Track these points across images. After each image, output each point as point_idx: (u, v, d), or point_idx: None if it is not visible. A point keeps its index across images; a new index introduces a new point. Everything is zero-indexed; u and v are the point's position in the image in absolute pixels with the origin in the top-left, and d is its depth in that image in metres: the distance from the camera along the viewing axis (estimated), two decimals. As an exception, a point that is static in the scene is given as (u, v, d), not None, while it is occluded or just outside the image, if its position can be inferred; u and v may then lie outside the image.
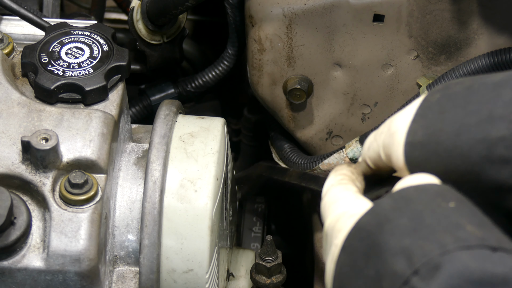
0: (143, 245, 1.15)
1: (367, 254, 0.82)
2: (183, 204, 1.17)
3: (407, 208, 0.82)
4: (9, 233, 1.08)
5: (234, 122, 1.87)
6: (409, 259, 0.77)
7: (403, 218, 0.81)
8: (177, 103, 1.27)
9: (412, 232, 0.79)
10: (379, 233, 0.81)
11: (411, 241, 0.79)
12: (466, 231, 0.78)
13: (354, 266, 0.83)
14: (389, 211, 0.83)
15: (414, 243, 0.78)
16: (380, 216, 0.83)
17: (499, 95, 0.86)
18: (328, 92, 1.43)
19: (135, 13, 1.51)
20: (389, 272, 0.78)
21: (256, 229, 1.74)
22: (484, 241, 0.77)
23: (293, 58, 1.39)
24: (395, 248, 0.79)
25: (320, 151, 1.49)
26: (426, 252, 0.77)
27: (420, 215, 0.81)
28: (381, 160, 0.95)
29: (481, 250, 0.76)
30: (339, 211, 0.91)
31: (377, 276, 0.79)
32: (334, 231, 0.89)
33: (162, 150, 1.18)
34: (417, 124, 0.91)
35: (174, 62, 1.59)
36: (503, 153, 0.84)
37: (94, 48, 1.22)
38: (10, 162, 1.12)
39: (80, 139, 1.14)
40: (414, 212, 0.81)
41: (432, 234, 0.78)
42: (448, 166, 0.88)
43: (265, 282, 1.36)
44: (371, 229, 0.83)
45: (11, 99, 1.17)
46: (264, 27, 1.37)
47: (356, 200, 0.92)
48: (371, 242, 0.82)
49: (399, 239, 0.79)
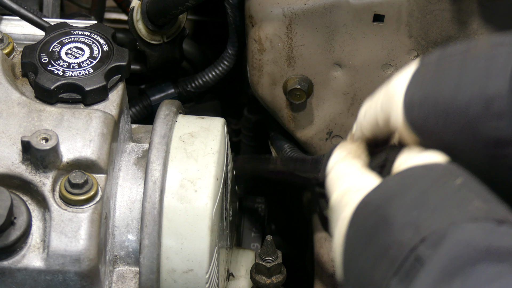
0: (143, 245, 1.15)
1: (375, 227, 0.84)
2: (183, 204, 1.17)
3: (415, 185, 0.84)
4: (9, 233, 1.08)
5: (234, 122, 1.87)
6: (416, 229, 0.79)
7: (411, 194, 0.83)
8: (177, 103, 1.27)
9: (419, 206, 0.81)
10: (387, 207, 0.83)
11: (418, 214, 0.80)
12: (472, 205, 0.80)
13: (362, 239, 0.85)
14: (397, 187, 0.85)
15: (421, 216, 0.80)
16: (388, 192, 0.86)
17: (495, 54, 0.87)
18: (328, 92, 1.43)
19: (135, 13, 1.51)
20: (396, 242, 0.80)
21: (256, 229, 1.74)
22: (490, 215, 0.78)
23: (293, 58, 1.39)
24: (403, 221, 0.81)
25: (320, 151, 1.49)
26: (433, 223, 0.79)
27: (428, 191, 0.83)
28: (378, 126, 0.97)
29: (487, 223, 0.77)
30: (345, 185, 0.93)
31: (384, 247, 0.81)
32: (341, 205, 0.91)
33: (162, 150, 1.18)
34: (415, 84, 0.92)
35: (174, 62, 1.59)
36: (500, 107, 0.85)
37: (94, 48, 1.22)
38: (10, 162, 1.12)
39: (80, 139, 1.14)
40: (422, 188, 0.83)
41: (439, 208, 0.80)
42: (447, 123, 0.89)
43: (265, 282, 1.36)
44: (379, 204, 0.85)
45: (11, 99, 1.17)
46: (264, 27, 1.37)
47: (362, 175, 0.94)
48: (379, 216, 0.84)
49: (407, 212, 0.81)
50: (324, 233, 1.59)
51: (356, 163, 0.97)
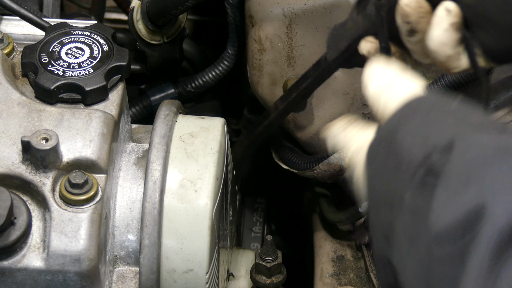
0: (143, 245, 1.15)
1: (387, 152, 0.88)
2: (183, 204, 1.17)
3: (416, 112, 0.88)
4: (9, 233, 1.08)
5: (234, 122, 1.87)
6: (423, 143, 0.83)
7: (415, 120, 0.87)
8: (177, 103, 1.27)
9: (424, 127, 0.85)
10: (395, 135, 0.87)
11: (424, 134, 0.84)
12: (473, 119, 0.83)
13: (377, 165, 0.89)
14: (400, 119, 0.89)
15: (428, 132, 0.84)
16: (393, 125, 0.89)
17: None
18: (328, 92, 1.43)
19: (135, 13, 1.51)
20: (406, 158, 0.84)
21: (256, 229, 1.75)
22: (491, 125, 0.82)
23: (293, 58, 1.39)
24: (411, 142, 0.85)
25: (320, 151, 1.49)
26: (439, 136, 0.82)
27: (430, 114, 0.86)
28: None
29: (490, 131, 0.80)
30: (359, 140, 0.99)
31: (397, 165, 0.85)
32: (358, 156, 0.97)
33: (162, 150, 1.18)
34: None
35: (174, 62, 1.59)
36: None
37: (94, 48, 1.22)
38: (10, 162, 1.12)
39: (80, 139, 1.14)
40: (424, 113, 0.87)
41: (443, 123, 0.84)
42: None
43: (265, 282, 1.36)
44: (387, 137, 0.89)
45: (11, 99, 1.17)
46: (264, 27, 1.37)
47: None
48: (389, 143, 0.88)
49: (414, 135, 0.85)
50: (324, 233, 1.59)
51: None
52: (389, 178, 0.86)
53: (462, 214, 0.74)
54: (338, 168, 1.42)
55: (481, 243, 0.72)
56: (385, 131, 0.91)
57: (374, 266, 0.92)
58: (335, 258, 1.54)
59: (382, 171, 0.88)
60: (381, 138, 0.91)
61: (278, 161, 1.54)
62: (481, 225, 0.72)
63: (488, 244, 0.71)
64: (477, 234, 0.72)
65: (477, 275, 0.71)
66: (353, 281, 1.50)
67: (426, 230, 0.77)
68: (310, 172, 1.46)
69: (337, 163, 1.41)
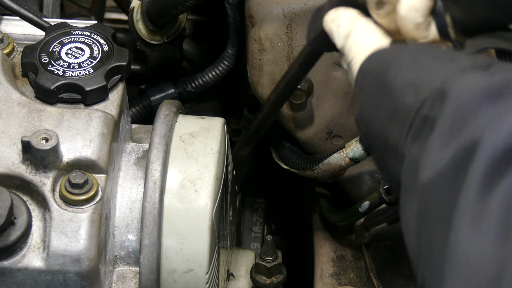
0: (143, 245, 1.15)
1: (381, 92, 0.90)
2: (183, 204, 1.17)
3: (406, 52, 0.91)
4: (9, 233, 1.08)
5: (234, 122, 1.87)
6: (417, 89, 0.85)
7: (405, 59, 0.90)
8: (177, 103, 1.27)
9: (414, 68, 0.87)
10: (386, 73, 0.90)
11: (415, 75, 0.87)
12: (460, 61, 0.85)
13: (372, 103, 0.92)
14: (390, 55, 0.92)
15: (419, 75, 0.86)
16: (383, 60, 0.92)
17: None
18: (328, 92, 1.43)
19: (135, 13, 1.51)
20: (401, 105, 0.86)
21: (256, 229, 1.75)
22: (476, 63, 0.83)
23: (293, 58, 1.39)
24: (402, 84, 0.87)
25: (320, 151, 1.49)
26: (431, 80, 0.84)
27: (419, 55, 0.89)
28: None
29: (477, 71, 0.82)
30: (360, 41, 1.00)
31: (393, 109, 0.88)
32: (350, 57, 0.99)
33: (162, 150, 1.18)
34: None
35: (174, 62, 1.59)
36: None
37: (94, 48, 1.22)
38: (10, 162, 1.12)
39: (80, 139, 1.14)
40: (413, 53, 0.90)
41: (434, 66, 0.86)
42: None
43: (265, 282, 1.36)
44: (378, 70, 0.92)
45: (11, 99, 1.17)
46: (264, 27, 1.37)
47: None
48: (381, 81, 0.91)
49: (404, 76, 0.88)
50: (324, 233, 1.59)
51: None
52: (387, 123, 0.89)
53: (454, 155, 0.76)
54: (338, 168, 1.42)
55: (474, 171, 0.73)
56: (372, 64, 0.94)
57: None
58: (335, 258, 1.54)
59: (376, 111, 0.91)
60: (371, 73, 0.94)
61: (278, 161, 1.54)
62: (473, 157, 0.74)
63: (479, 171, 0.73)
64: (469, 167, 0.74)
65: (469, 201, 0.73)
66: (353, 281, 1.50)
67: (420, 178, 0.80)
68: (310, 172, 1.46)
69: (337, 163, 1.41)
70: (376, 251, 1.46)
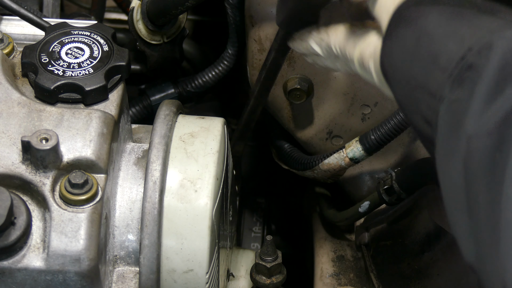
0: (143, 245, 1.15)
1: (417, 38, 0.87)
2: (183, 204, 1.17)
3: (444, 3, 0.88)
4: (9, 233, 1.08)
5: (234, 122, 1.87)
6: (461, 39, 0.83)
7: (445, 9, 0.88)
8: (177, 103, 1.27)
9: (457, 17, 0.85)
10: (423, 20, 0.87)
11: (457, 25, 0.85)
12: (502, 15, 0.84)
13: (407, 49, 0.89)
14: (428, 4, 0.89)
15: (461, 26, 0.84)
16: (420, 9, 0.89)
17: None
18: (328, 92, 1.43)
19: (135, 13, 1.51)
20: (443, 51, 0.84)
21: (256, 229, 1.75)
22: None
23: (293, 58, 1.39)
24: (445, 32, 0.85)
25: (320, 151, 1.49)
26: (475, 32, 0.83)
27: (459, 5, 0.87)
28: None
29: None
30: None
31: (432, 57, 0.85)
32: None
33: (162, 150, 1.18)
34: None
35: (174, 62, 1.59)
36: None
37: (94, 48, 1.22)
38: (10, 162, 1.12)
39: (80, 139, 1.14)
40: (453, 3, 0.87)
41: (475, 17, 0.84)
42: None
43: (265, 282, 1.36)
44: (416, 17, 0.89)
45: (11, 99, 1.17)
46: (264, 27, 1.37)
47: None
48: (417, 27, 0.88)
49: (446, 24, 0.85)
50: (324, 233, 1.59)
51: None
52: (426, 70, 0.87)
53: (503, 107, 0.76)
54: (338, 168, 1.42)
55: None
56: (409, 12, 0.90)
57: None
58: (335, 258, 1.54)
59: (412, 57, 0.88)
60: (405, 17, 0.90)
61: (278, 161, 1.54)
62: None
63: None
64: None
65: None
66: (353, 281, 1.51)
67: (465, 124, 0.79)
68: (310, 172, 1.46)
69: (337, 163, 1.41)
70: (376, 251, 1.46)
